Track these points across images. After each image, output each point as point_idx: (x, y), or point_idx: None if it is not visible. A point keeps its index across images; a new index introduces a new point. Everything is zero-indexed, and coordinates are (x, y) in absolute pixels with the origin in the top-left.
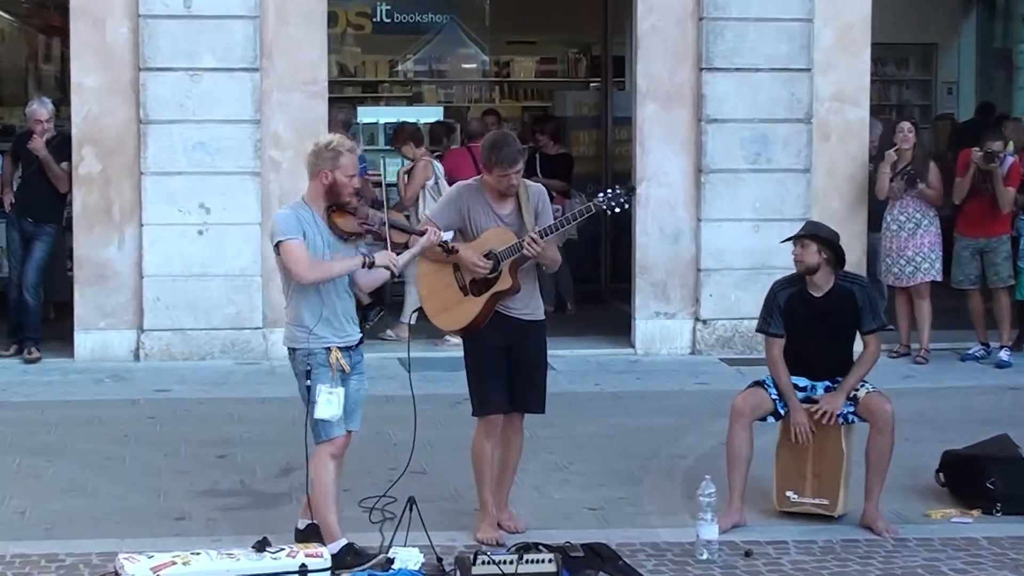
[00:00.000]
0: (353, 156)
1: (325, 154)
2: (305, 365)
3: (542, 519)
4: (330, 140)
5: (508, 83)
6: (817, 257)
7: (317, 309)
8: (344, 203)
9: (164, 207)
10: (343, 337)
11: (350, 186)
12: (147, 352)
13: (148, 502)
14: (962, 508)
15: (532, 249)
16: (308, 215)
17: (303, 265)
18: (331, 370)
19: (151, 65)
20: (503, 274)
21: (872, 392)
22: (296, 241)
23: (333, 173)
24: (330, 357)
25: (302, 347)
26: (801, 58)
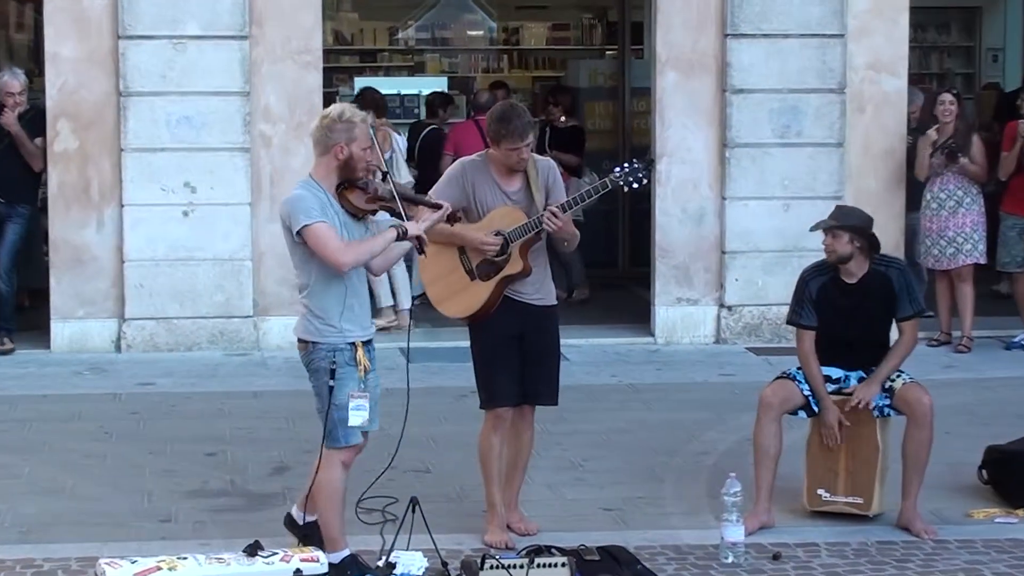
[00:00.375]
0: (366, 127)
1: (338, 126)
2: (329, 362)
3: (555, 520)
4: (342, 110)
5: (517, 52)
6: (849, 247)
7: (343, 300)
8: (358, 179)
9: (146, 186)
10: (366, 330)
11: (364, 160)
12: (129, 343)
13: (131, 503)
14: (1007, 508)
15: (553, 224)
16: (322, 194)
17: (338, 249)
18: (357, 369)
19: (131, 33)
20: (513, 256)
21: (909, 383)
22: (324, 224)
23: (349, 146)
24: (357, 354)
25: (326, 341)
26: (834, 23)
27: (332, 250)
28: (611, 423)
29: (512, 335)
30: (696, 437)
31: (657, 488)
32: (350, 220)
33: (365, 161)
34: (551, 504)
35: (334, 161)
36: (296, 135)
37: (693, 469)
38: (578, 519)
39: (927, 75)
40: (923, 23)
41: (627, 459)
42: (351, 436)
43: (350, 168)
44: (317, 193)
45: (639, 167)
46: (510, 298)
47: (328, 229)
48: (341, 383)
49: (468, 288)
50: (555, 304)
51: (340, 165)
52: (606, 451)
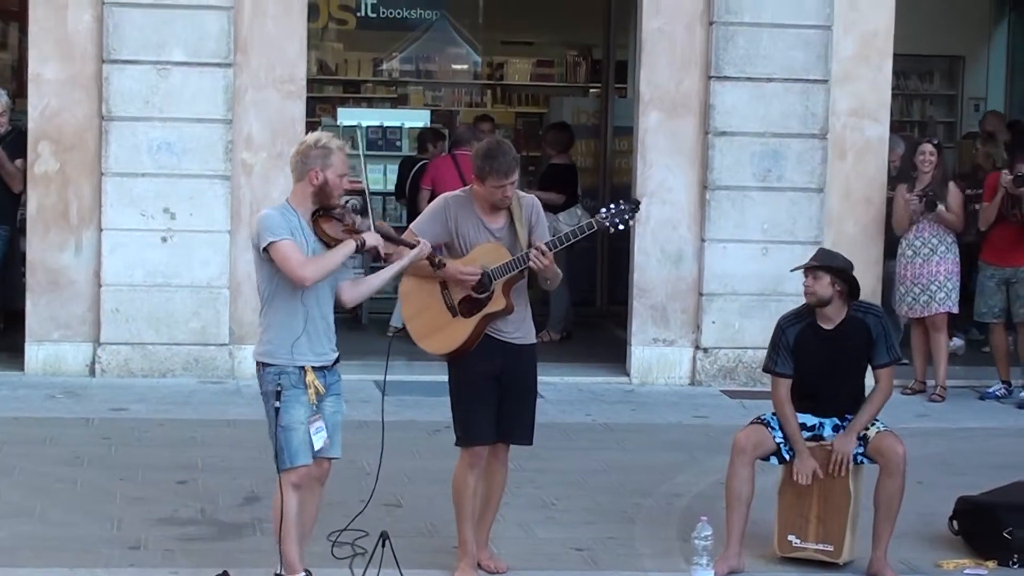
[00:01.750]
0: (343, 154)
1: (314, 152)
2: (275, 384)
3: (525, 559)
4: (318, 137)
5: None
6: (830, 289)
7: (299, 322)
8: (331, 207)
9: (126, 211)
10: (320, 356)
11: (341, 187)
12: (104, 367)
13: (101, 530)
14: (977, 559)
15: (540, 262)
16: (294, 218)
17: (299, 263)
18: (306, 392)
19: (115, 57)
20: (496, 294)
21: (883, 431)
22: (288, 242)
23: (324, 172)
24: (306, 378)
25: (275, 363)
26: (818, 68)
27: (293, 264)
28: (584, 463)
29: (490, 373)
30: (669, 479)
31: (628, 529)
32: (322, 248)
33: (343, 188)
34: (522, 543)
35: (309, 187)
36: (277, 164)
37: (665, 511)
38: (548, 558)
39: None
40: (906, 70)
41: (599, 499)
42: (297, 456)
43: (325, 194)
44: (288, 216)
45: (625, 208)
46: (490, 336)
47: (292, 246)
48: (287, 405)
49: (449, 325)
50: (534, 343)
51: (315, 191)
52: (579, 490)
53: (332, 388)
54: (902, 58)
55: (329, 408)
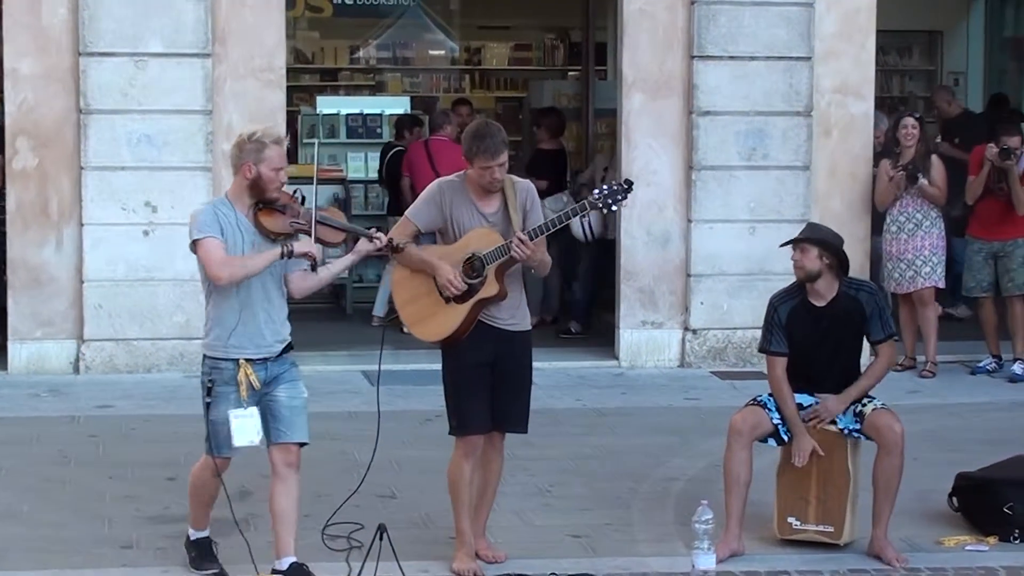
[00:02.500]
0: (280, 148)
1: (248, 146)
2: (208, 379)
3: (522, 547)
4: (254, 131)
5: (479, 72)
6: (818, 263)
7: (234, 316)
8: (271, 200)
9: (106, 205)
10: (260, 348)
11: (277, 181)
12: (88, 364)
13: (91, 529)
14: (977, 535)
15: (521, 252)
16: (230, 213)
17: (216, 263)
18: (238, 388)
19: (92, 50)
20: (488, 279)
21: (880, 409)
22: (213, 239)
23: (257, 167)
24: (238, 373)
25: (211, 356)
26: (801, 46)
27: (211, 263)
28: (577, 448)
29: (485, 361)
30: (663, 463)
31: (625, 514)
32: (264, 241)
33: (278, 182)
34: (519, 531)
35: (244, 180)
36: None
37: (661, 495)
38: (546, 546)
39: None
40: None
41: (594, 485)
42: (222, 449)
43: (259, 188)
44: (223, 211)
45: (617, 189)
46: (484, 323)
47: (215, 244)
48: (215, 402)
49: (442, 311)
50: (529, 329)
51: (250, 185)
52: (573, 477)
53: (282, 377)
54: (881, 34)
55: (284, 395)
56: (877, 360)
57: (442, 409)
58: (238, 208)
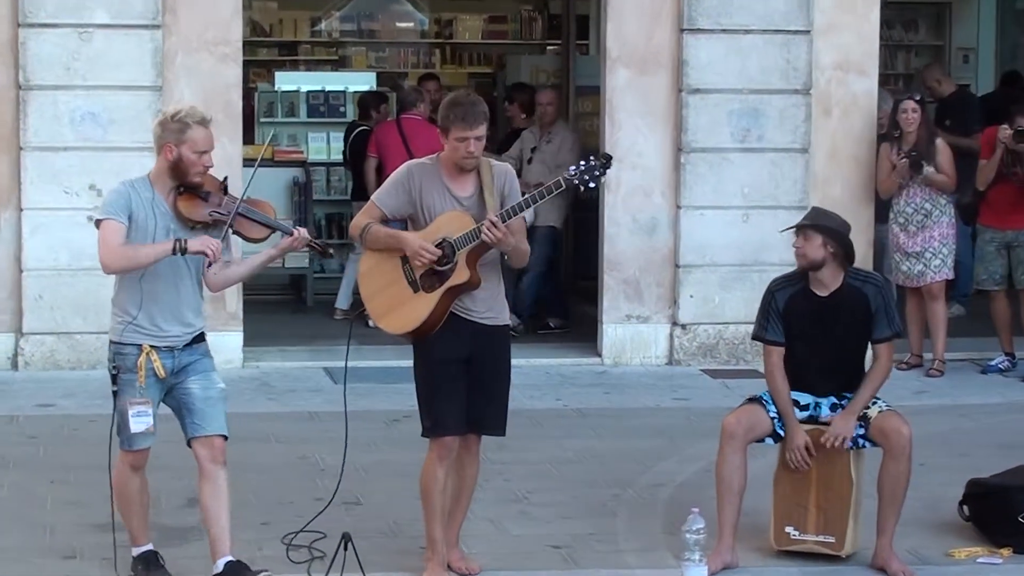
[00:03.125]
0: (205, 130)
1: (171, 125)
2: (112, 366)
3: (498, 559)
4: (179, 110)
5: (451, 46)
6: (822, 251)
7: (136, 301)
8: (194, 185)
9: (47, 188)
10: (163, 336)
11: (200, 164)
12: (27, 360)
13: (31, 538)
14: (990, 547)
15: (492, 235)
16: (147, 194)
17: (108, 249)
18: (138, 375)
19: (33, 21)
20: (459, 265)
21: (886, 411)
22: (114, 223)
23: (179, 148)
24: (139, 359)
25: (115, 340)
26: (799, 18)
27: (104, 247)
28: (557, 452)
29: (459, 357)
30: (650, 467)
31: (609, 523)
32: (181, 228)
33: (200, 166)
34: (494, 540)
35: (164, 162)
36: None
37: (648, 502)
38: (523, 557)
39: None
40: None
41: (576, 491)
42: (134, 441)
43: (180, 170)
44: (140, 190)
45: (595, 164)
46: (458, 316)
47: (114, 229)
48: (121, 389)
49: (410, 301)
50: (508, 324)
51: (170, 167)
52: (552, 482)
53: (193, 367)
54: (886, 6)
55: (197, 386)
56: (877, 363)
57: (410, 409)
58: (157, 189)
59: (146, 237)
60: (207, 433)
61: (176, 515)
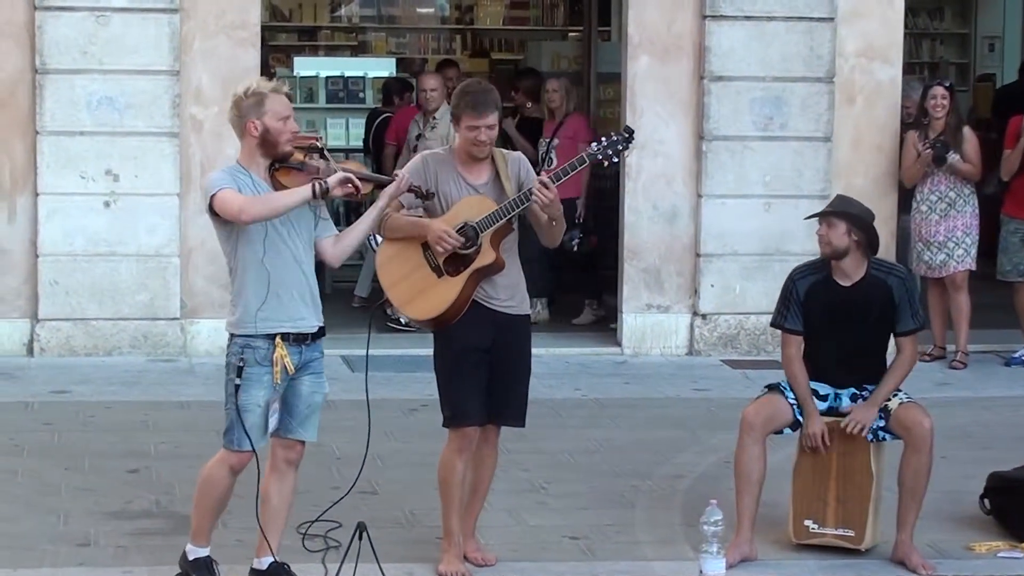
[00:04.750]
0: (280, 96)
1: (246, 102)
2: (238, 358)
3: (515, 550)
4: (248, 85)
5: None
6: (846, 239)
7: (263, 287)
8: (286, 155)
9: (64, 173)
10: (296, 322)
11: (286, 131)
12: (43, 346)
13: (45, 525)
14: (1011, 541)
15: (543, 196)
16: (246, 178)
17: (238, 203)
18: (272, 370)
19: (49, 4)
20: (484, 247)
21: (907, 403)
22: (227, 190)
23: (262, 120)
24: (274, 354)
25: (241, 333)
26: (823, 5)
27: (231, 206)
28: (576, 442)
29: (481, 346)
30: (669, 458)
31: (627, 514)
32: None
33: (288, 132)
34: (511, 531)
35: (252, 140)
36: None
37: (666, 494)
38: (541, 548)
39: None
40: (914, 7)
41: (594, 482)
42: (244, 441)
43: (270, 143)
44: (238, 176)
45: (617, 139)
46: (480, 304)
47: (232, 192)
48: (247, 383)
49: (435, 286)
50: (528, 314)
51: (259, 143)
52: (571, 473)
53: (311, 366)
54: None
55: (307, 387)
56: (901, 355)
57: (428, 398)
58: (254, 172)
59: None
60: (299, 437)
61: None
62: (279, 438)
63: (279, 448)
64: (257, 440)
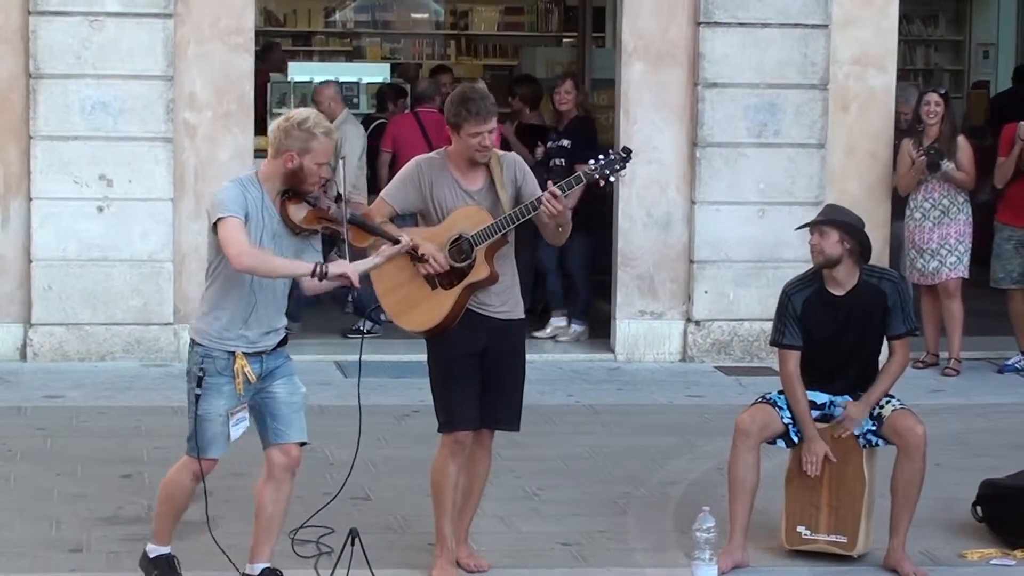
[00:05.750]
0: (329, 141)
1: (296, 133)
2: (198, 368)
3: (508, 556)
4: (306, 117)
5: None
6: (839, 248)
7: (240, 307)
8: (305, 192)
9: (57, 178)
10: (255, 343)
11: (317, 176)
12: (36, 351)
13: (37, 531)
14: (1004, 548)
15: (552, 207)
16: (257, 194)
17: (241, 247)
18: (233, 381)
19: (43, 8)
20: (478, 261)
21: (900, 409)
22: (236, 220)
23: (301, 158)
24: (234, 365)
25: (203, 344)
26: (817, 12)
27: (233, 244)
28: (568, 448)
29: (474, 352)
30: (662, 465)
31: (620, 521)
32: (284, 231)
33: (318, 176)
34: (503, 537)
35: (282, 167)
36: (224, 125)
37: (659, 500)
38: (533, 554)
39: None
40: (909, 14)
41: (586, 489)
42: (208, 449)
43: (297, 179)
44: (251, 190)
45: (615, 158)
46: (473, 311)
47: (239, 227)
48: (207, 393)
49: (429, 298)
50: (522, 318)
51: (287, 173)
52: (563, 479)
53: (278, 371)
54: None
55: (283, 391)
56: (893, 358)
57: (421, 404)
58: (266, 190)
59: (253, 238)
60: (289, 440)
61: None
62: (273, 446)
63: (276, 455)
64: (219, 448)
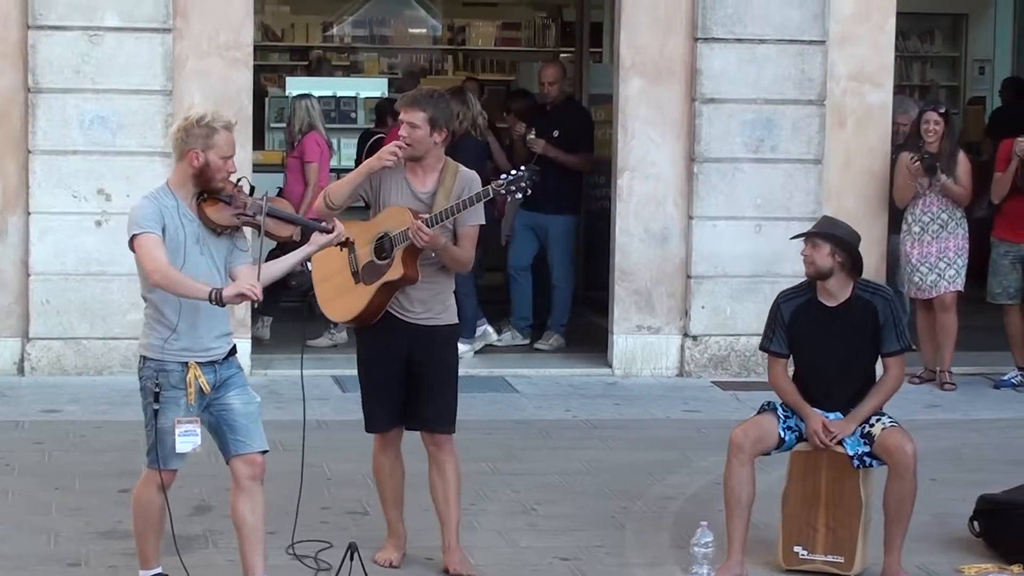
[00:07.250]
0: (230, 134)
1: (196, 131)
2: (153, 383)
3: (505, 570)
4: (203, 114)
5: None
6: (830, 260)
7: (174, 316)
8: (217, 190)
9: (56, 192)
10: (203, 352)
11: (225, 170)
12: (33, 365)
13: (36, 545)
14: (1000, 563)
15: (420, 238)
16: (172, 204)
17: (155, 264)
18: (186, 392)
19: (42, 23)
20: (395, 261)
21: (891, 427)
22: (152, 236)
23: (205, 154)
24: (187, 375)
25: (154, 358)
26: (814, 28)
27: (147, 260)
28: (566, 463)
29: (394, 357)
30: (659, 480)
31: (617, 536)
32: (207, 234)
33: (225, 172)
34: (501, 552)
35: (189, 168)
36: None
37: (656, 515)
38: (531, 569)
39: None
40: (905, 30)
41: (584, 503)
42: (170, 460)
43: (206, 177)
44: (164, 201)
45: (523, 175)
46: (395, 316)
47: (154, 242)
48: (164, 407)
49: (351, 291)
50: (450, 324)
51: (195, 173)
52: (561, 494)
53: (231, 382)
54: (901, 16)
55: (238, 402)
56: (887, 375)
57: None
58: (180, 197)
59: (178, 248)
60: (251, 450)
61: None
62: (236, 457)
63: (240, 466)
64: (180, 458)
